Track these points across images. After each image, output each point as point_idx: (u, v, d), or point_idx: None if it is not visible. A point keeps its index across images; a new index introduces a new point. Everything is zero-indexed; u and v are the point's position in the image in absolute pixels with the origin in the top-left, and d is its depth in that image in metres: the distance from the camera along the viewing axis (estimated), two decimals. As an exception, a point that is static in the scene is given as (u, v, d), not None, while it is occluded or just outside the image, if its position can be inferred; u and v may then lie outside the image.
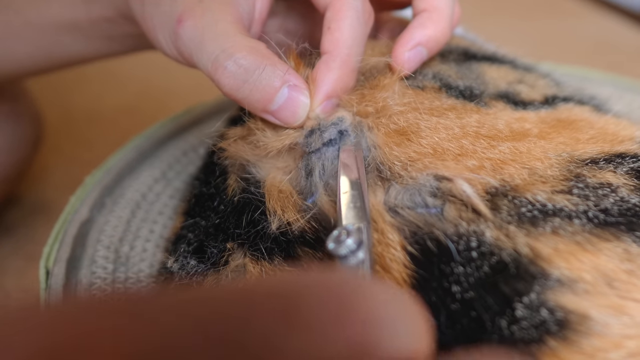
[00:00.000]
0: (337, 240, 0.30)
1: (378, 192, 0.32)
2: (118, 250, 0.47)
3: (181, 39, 0.37)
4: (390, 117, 0.35)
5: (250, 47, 0.35)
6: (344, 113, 0.36)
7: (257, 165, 0.37)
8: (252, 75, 0.35)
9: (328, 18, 0.37)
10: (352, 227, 0.30)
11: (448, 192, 0.31)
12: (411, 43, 0.38)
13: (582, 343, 0.25)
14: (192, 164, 0.55)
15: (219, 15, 0.37)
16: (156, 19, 0.39)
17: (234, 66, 0.35)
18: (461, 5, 0.44)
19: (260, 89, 0.35)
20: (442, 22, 0.39)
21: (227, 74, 0.35)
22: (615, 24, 0.96)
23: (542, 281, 0.27)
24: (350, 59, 0.36)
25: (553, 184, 0.31)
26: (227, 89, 0.35)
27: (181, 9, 0.37)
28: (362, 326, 0.17)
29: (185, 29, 0.37)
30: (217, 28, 0.36)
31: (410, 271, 0.29)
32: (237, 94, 0.35)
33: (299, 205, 0.33)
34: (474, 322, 0.27)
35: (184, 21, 0.37)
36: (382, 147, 0.34)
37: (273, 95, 0.35)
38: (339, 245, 0.30)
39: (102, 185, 0.50)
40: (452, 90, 0.38)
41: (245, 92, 0.35)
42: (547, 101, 0.41)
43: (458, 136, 0.34)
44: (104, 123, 0.73)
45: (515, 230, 0.28)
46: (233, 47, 0.35)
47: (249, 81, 0.35)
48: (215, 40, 0.35)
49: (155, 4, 0.39)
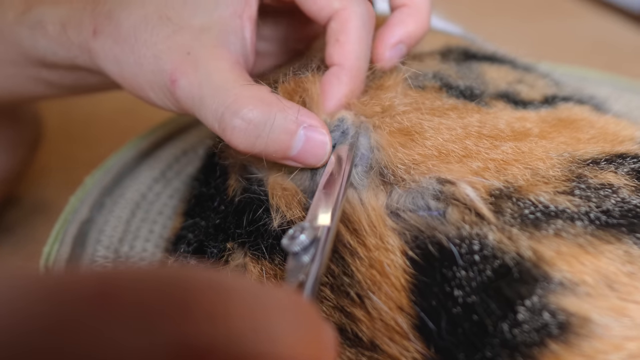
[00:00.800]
0: (292, 237, 0.29)
1: (380, 195, 0.32)
2: (118, 250, 0.46)
3: (180, 98, 0.35)
4: (394, 117, 0.35)
5: (254, 98, 0.33)
6: (345, 114, 0.36)
7: (259, 164, 0.36)
8: (264, 128, 0.33)
9: (335, 30, 0.36)
10: (308, 224, 0.30)
11: (451, 196, 0.31)
12: (392, 41, 0.38)
13: (583, 345, 0.25)
14: (191, 164, 0.55)
15: (211, 65, 0.35)
16: (142, 78, 0.36)
17: (242, 123, 0.33)
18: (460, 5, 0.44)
19: (275, 140, 0.33)
20: (422, 18, 0.38)
21: (237, 132, 0.33)
22: (614, 24, 0.96)
23: (545, 284, 0.27)
24: (361, 71, 0.36)
25: (555, 184, 0.31)
26: (242, 147, 0.33)
27: (170, 67, 0.35)
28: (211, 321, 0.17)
29: (182, 89, 0.35)
30: (214, 81, 0.34)
31: (410, 277, 0.29)
32: (252, 150, 0.33)
33: (304, 203, 0.33)
34: (475, 326, 0.27)
35: (177, 80, 0.34)
36: (386, 148, 0.33)
37: (290, 142, 0.33)
38: (292, 241, 0.29)
39: (102, 186, 0.50)
40: (452, 90, 0.38)
41: (261, 147, 0.33)
42: (547, 101, 0.41)
43: (461, 137, 0.34)
44: (103, 123, 0.73)
45: (518, 233, 0.28)
46: (236, 101, 0.33)
47: (262, 135, 0.33)
48: (215, 96, 0.33)
49: (137, 64, 0.36)
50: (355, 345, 0.29)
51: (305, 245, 0.29)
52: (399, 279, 0.29)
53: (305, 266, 0.28)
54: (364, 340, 0.29)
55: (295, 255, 0.29)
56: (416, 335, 0.28)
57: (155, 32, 0.36)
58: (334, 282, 0.30)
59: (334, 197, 0.32)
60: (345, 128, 0.35)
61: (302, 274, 0.28)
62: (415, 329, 0.28)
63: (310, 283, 0.28)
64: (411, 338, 0.28)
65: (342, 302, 0.30)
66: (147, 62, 0.35)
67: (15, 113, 0.56)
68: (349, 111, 0.36)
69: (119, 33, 0.36)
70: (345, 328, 0.30)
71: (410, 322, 0.28)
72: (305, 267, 0.28)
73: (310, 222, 0.30)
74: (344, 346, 0.29)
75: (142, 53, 0.36)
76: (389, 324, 0.28)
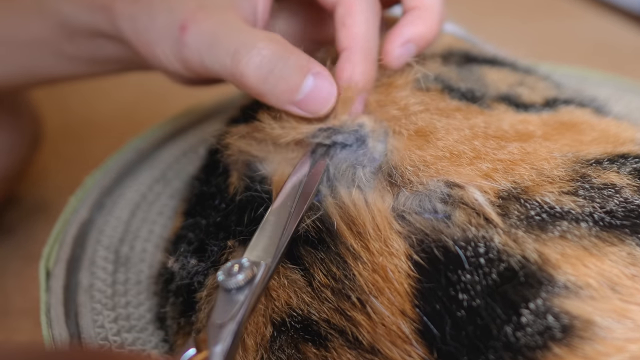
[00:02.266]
0: (228, 273, 0.29)
1: (387, 197, 0.32)
2: (118, 250, 0.46)
3: (188, 46, 0.36)
4: (409, 117, 0.35)
5: (270, 39, 0.34)
6: (365, 119, 0.35)
7: (265, 160, 0.36)
8: (278, 64, 0.33)
9: (341, 14, 0.36)
10: (247, 262, 0.30)
11: (459, 200, 0.31)
12: (401, 40, 0.38)
13: (585, 348, 0.25)
14: (191, 164, 0.55)
15: (225, 16, 0.36)
16: (153, 32, 0.37)
17: (257, 57, 0.33)
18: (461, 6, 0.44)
19: (286, 78, 0.34)
20: (432, 20, 0.38)
21: (251, 65, 0.34)
22: (615, 24, 0.96)
23: (549, 287, 0.27)
24: (371, 51, 0.36)
25: (560, 184, 0.31)
26: (253, 80, 0.34)
27: (182, 16, 0.36)
28: None
29: (192, 35, 0.35)
30: (229, 26, 0.35)
31: (414, 281, 0.29)
32: (262, 86, 0.34)
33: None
34: (479, 329, 0.27)
35: (188, 27, 0.35)
36: (401, 151, 0.33)
37: (300, 84, 0.34)
38: (228, 278, 0.29)
39: (102, 186, 0.50)
40: (454, 93, 0.38)
41: (271, 83, 0.34)
42: (548, 104, 0.41)
43: (469, 137, 0.34)
44: (103, 124, 0.72)
45: (524, 236, 0.28)
46: (254, 39, 0.34)
47: (275, 71, 0.33)
48: (231, 36, 0.34)
49: (150, 18, 0.37)
50: (356, 348, 0.29)
51: (240, 286, 0.29)
52: (402, 284, 0.29)
53: (235, 306, 0.28)
54: (364, 344, 0.29)
55: (229, 292, 0.29)
56: (418, 340, 0.28)
57: None
58: (335, 285, 0.30)
59: (280, 229, 0.32)
60: (361, 134, 0.35)
61: (228, 318, 0.28)
62: (418, 334, 0.28)
63: (227, 345, 0.27)
64: (413, 343, 0.28)
65: (342, 305, 0.30)
66: (160, 15, 0.37)
67: (16, 113, 0.56)
68: (369, 116, 0.36)
69: None
70: (346, 331, 0.30)
71: (413, 326, 0.28)
72: (235, 308, 0.28)
73: (249, 258, 0.30)
74: (344, 348, 0.29)
75: (156, 7, 0.37)
76: (391, 328, 0.28)
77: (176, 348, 0.37)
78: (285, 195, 0.33)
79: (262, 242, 0.31)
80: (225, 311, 0.28)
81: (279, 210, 0.33)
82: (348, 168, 0.34)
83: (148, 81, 0.39)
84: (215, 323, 0.28)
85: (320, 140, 0.35)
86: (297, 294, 0.31)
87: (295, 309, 0.31)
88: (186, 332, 0.36)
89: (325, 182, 0.34)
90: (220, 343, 0.27)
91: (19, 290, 0.53)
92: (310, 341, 0.30)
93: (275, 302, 0.32)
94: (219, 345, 0.27)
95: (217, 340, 0.27)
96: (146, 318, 0.42)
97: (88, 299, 0.41)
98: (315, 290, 0.31)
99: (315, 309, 0.31)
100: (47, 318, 0.39)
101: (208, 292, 0.34)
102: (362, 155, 0.34)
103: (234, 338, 0.28)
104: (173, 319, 0.37)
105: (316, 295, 0.31)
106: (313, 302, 0.31)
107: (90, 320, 0.40)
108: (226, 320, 0.28)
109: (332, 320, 0.30)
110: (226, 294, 0.29)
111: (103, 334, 0.39)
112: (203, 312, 0.34)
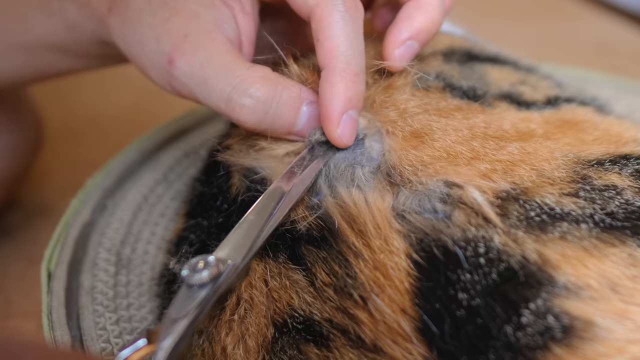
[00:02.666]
0: (193, 269, 0.29)
1: (386, 196, 0.32)
2: (120, 252, 0.46)
3: (177, 79, 0.36)
4: (406, 120, 0.35)
5: (260, 77, 0.34)
6: (359, 119, 0.35)
7: (265, 161, 0.36)
8: (271, 105, 0.34)
9: (314, 29, 0.35)
10: (213, 260, 0.30)
11: (458, 199, 0.31)
12: (400, 38, 0.37)
13: (586, 349, 0.25)
14: (193, 166, 0.55)
15: (210, 47, 0.35)
16: (144, 57, 0.37)
17: (251, 102, 0.34)
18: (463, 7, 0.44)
19: (282, 115, 0.34)
20: (431, 11, 0.37)
21: (246, 110, 0.34)
22: (616, 25, 0.96)
23: (549, 288, 0.27)
24: (350, 66, 0.34)
25: (561, 186, 0.31)
26: (250, 125, 0.35)
27: (169, 48, 0.36)
28: None
29: (179, 69, 0.35)
30: (216, 63, 0.35)
31: (414, 280, 0.29)
32: (259, 126, 0.35)
33: (306, 202, 0.33)
34: (479, 329, 0.27)
35: (175, 61, 0.35)
36: (397, 151, 0.33)
37: (295, 118, 0.35)
38: (192, 274, 0.29)
39: (104, 188, 0.50)
40: (455, 91, 0.38)
41: (268, 123, 0.35)
42: (550, 102, 0.41)
43: (468, 138, 0.34)
44: (104, 126, 0.73)
45: (524, 236, 0.28)
46: (243, 81, 0.34)
47: (269, 112, 0.34)
48: (220, 77, 0.34)
49: (139, 42, 0.37)
50: (358, 347, 0.29)
51: (204, 283, 0.29)
52: (402, 282, 0.29)
53: (194, 302, 0.28)
54: (367, 342, 0.29)
55: (191, 287, 0.29)
56: (419, 338, 0.28)
57: (157, 15, 0.37)
58: (337, 283, 0.30)
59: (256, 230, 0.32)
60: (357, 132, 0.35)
61: (183, 314, 0.28)
62: (418, 332, 0.28)
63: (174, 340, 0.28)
64: (414, 341, 0.28)
65: (345, 303, 0.30)
66: (148, 43, 0.37)
67: (17, 114, 0.56)
68: (363, 115, 0.36)
69: (127, 13, 0.38)
70: (348, 329, 0.30)
71: (413, 324, 0.28)
72: (192, 304, 0.28)
73: (218, 255, 0.30)
74: (347, 347, 0.29)
75: (144, 34, 0.37)
76: (392, 326, 0.28)
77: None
78: (268, 196, 0.33)
79: (235, 241, 0.31)
80: (183, 307, 0.29)
81: (259, 210, 0.33)
82: (347, 168, 0.34)
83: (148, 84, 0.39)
84: (170, 317, 0.28)
85: (318, 137, 0.35)
86: (299, 295, 0.31)
87: (297, 309, 0.31)
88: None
89: (324, 182, 0.34)
90: (169, 338, 0.27)
91: (21, 292, 0.53)
92: (312, 342, 0.30)
93: (276, 303, 0.32)
94: (168, 339, 0.27)
95: (167, 334, 0.27)
96: (148, 320, 0.42)
97: (90, 301, 0.41)
98: (318, 289, 0.31)
99: (318, 308, 0.31)
100: (49, 320, 0.39)
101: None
102: (360, 155, 0.34)
103: (183, 334, 0.28)
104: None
105: (318, 295, 0.31)
106: (315, 302, 0.31)
107: (92, 322, 0.40)
108: (181, 316, 0.28)
109: (334, 320, 0.30)
110: (188, 289, 0.29)
111: (105, 336, 0.39)
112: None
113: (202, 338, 0.34)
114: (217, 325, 0.33)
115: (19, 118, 0.56)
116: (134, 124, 0.69)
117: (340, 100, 0.34)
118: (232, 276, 0.30)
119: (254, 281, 0.33)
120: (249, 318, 0.32)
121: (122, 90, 0.74)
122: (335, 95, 0.34)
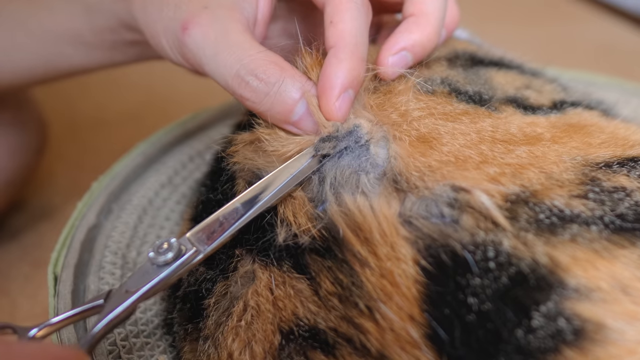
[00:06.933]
0: (157, 251, 0.32)
1: (393, 203, 0.32)
2: (125, 256, 0.46)
3: (187, 46, 0.37)
4: (411, 123, 0.35)
5: (269, 61, 0.35)
6: (361, 120, 0.35)
7: (269, 167, 0.36)
8: (273, 88, 0.35)
9: (329, 13, 0.37)
10: (175, 242, 0.32)
11: (466, 204, 0.30)
12: (395, 48, 0.38)
13: (597, 351, 0.25)
14: (198, 170, 0.55)
15: (228, 23, 0.37)
16: (159, 24, 0.39)
17: (255, 81, 0.35)
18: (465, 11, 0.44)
19: (280, 101, 0.35)
20: (428, 27, 0.38)
21: (249, 88, 0.35)
22: (620, 27, 0.96)
23: (560, 290, 0.27)
24: (358, 48, 0.36)
25: (570, 188, 0.31)
26: (250, 102, 0.36)
27: (185, 15, 0.37)
28: None
29: (192, 37, 0.37)
30: (231, 39, 0.36)
31: (422, 286, 0.29)
32: (259, 107, 0.36)
33: (310, 213, 0.33)
34: (490, 333, 0.26)
35: (189, 28, 0.37)
36: (404, 158, 0.33)
37: (293, 106, 0.35)
38: (157, 255, 0.32)
39: (109, 191, 0.50)
40: (461, 95, 0.38)
41: (267, 105, 0.35)
42: (556, 106, 0.41)
43: (475, 142, 0.34)
44: (109, 129, 0.73)
45: (534, 239, 0.28)
46: (253, 61, 0.35)
47: (270, 94, 0.35)
48: (232, 53, 0.36)
49: (158, 9, 0.39)
50: (364, 355, 0.29)
51: (167, 263, 0.32)
52: (410, 289, 0.29)
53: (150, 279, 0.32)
54: (372, 352, 0.29)
55: (152, 266, 0.32)
56: (428, 345, 0.27)
57: None
58: (342, 292, 0.30)
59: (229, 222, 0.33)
60: (359, 135, 0.35)
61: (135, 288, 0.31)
62: (427, 339, 0.28)
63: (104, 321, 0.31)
64: (422, 348, 0.27)
65: (350, 312, 0.30)
66: (167, 9, 0.38)
67: (21, 117, 0.56)
68: (366, 117, 0.36)
69: None
70: (353, 339, 0.29)
71: (422, 331, 0.28)
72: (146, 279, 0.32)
73: (174, 239, 0.33)
74: (353, 356, 0.29)
75: (165, 1, 0.39)
76: (400, 334, 0.28)
77: (183, 355, 0.37)
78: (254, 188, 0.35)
79: (204, 227, 0.33)
80: (139, 282, 0.32)
81: (242, 201, 0.34)
82: (352, 174, 0.34)
83: (154, 85, 0.39)
84: (124, 289, 0.32)
85: (327, 151, 0.35)
86: (303, 304, 0.31)
87: (302, 318, 0.31)
88: (193, 338, 0.36)
89: (329, 189, 0.34)
90: (118, 309, 0.31)
91: (26, 295, 0.53)
92: (318, 348, 0.30)
93: (282, 311, 0.32)
94: (115, 311, 0.31)
95: (116, 305, 0.31)
96: (154, 323, 0.42)
97: (96, 304, 0.41)
98: (322, 298, 0.31)
99: (322, 317, 0.30)
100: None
101: (216, 299, 0.34)
102: (365, 162, 0.34)
103: (129, 307, 0.31)
104: (180, 325, 0.37)
105: (323, 304, 0.31)
106: (320, 311, 0.31)
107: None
108: (133, 290, 0.31)
109: (339, 329, 0.30)
110: (150, 267, 0.32)
111: (111, 338, 0.39)
112: (211, 318, 0.34)
113: (207, 344, 0.34)
114: (224, 331, 0.33)
115: (22, 120, 0.56)
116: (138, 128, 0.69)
117: (346, 75, 0.35)
118: (191, 261, 0.32)
119: (260, 289, 0.33)
120: (256, 325, 0.32)
121: (127, 94, 0.74)
122: (342, 70, 0.35)
